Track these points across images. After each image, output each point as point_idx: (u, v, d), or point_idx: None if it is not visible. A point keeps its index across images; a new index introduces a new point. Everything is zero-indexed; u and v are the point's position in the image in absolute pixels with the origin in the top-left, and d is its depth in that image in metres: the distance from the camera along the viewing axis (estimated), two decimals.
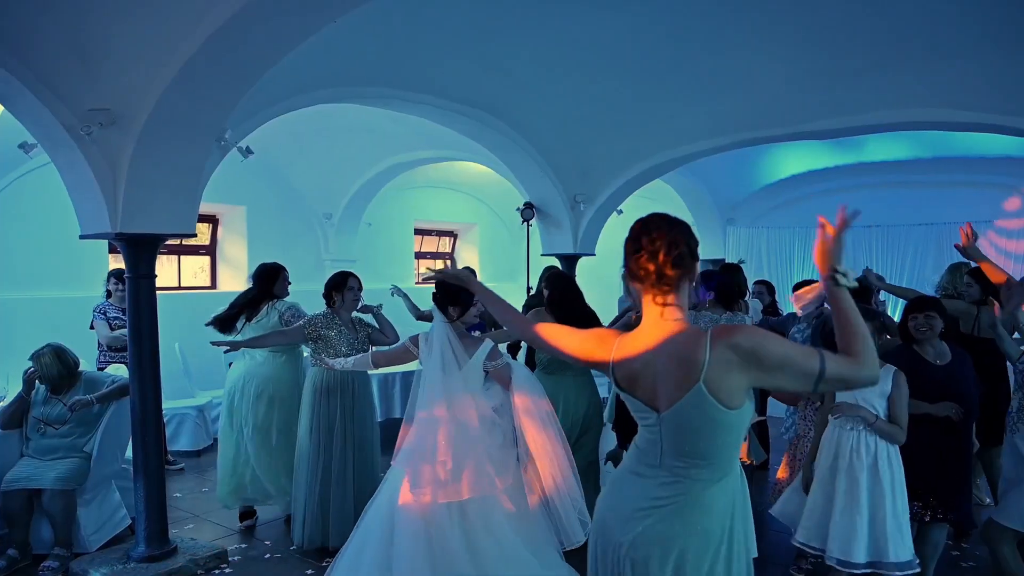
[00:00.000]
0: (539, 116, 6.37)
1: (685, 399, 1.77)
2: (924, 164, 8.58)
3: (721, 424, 1.78)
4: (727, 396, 1.75)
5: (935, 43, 4.90)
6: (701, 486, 1.83)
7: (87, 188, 3.96)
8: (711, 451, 1.82)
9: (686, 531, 1.82)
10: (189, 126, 3.99)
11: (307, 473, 4.54)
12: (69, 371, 4.54)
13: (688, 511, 1.84)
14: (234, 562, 4.40)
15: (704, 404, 1.75)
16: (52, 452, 4.43)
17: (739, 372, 1.73)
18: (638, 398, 1.90)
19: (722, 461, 1.85)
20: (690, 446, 1.82)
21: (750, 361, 1.73)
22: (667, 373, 1.82)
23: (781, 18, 4.78)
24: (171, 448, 6.49)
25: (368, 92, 5.33)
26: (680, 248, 1.85)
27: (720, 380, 1.74)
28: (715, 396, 1.74)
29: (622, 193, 7.41)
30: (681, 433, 1.82)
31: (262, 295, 5.04)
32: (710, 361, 1.73)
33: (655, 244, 1.84)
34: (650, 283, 1.86)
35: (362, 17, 4.18)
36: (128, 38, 3.61)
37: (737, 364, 1.73)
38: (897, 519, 3.26)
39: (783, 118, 6.21)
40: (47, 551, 4.31)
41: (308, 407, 4.62)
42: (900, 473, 3.34)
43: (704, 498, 1.84)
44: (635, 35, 5.08)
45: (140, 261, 4.19)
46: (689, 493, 1.83)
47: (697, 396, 1.75)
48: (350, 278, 4.80)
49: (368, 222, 9.53)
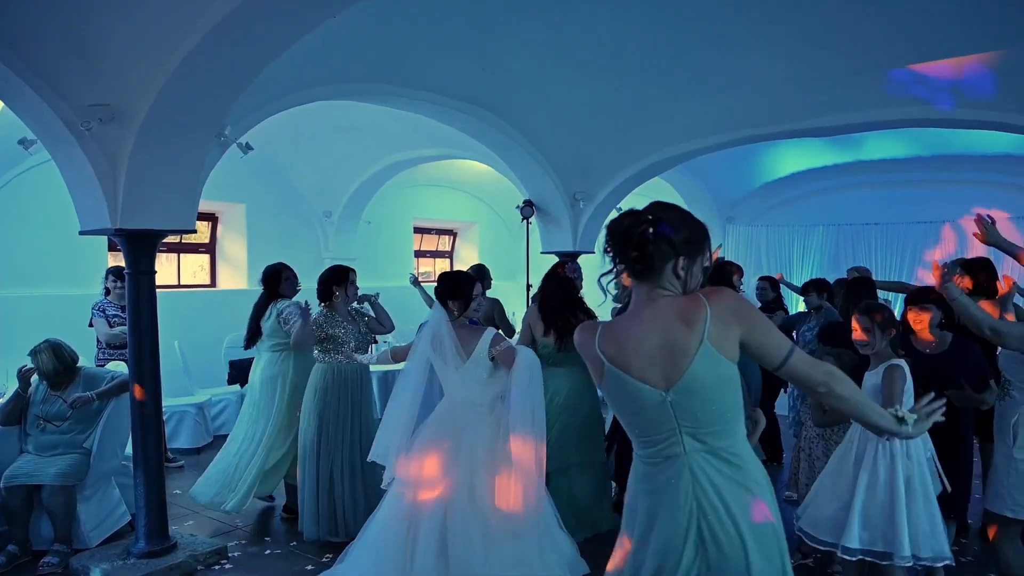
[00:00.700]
0: (538, 113, 6.37)
1: (695, 361, 1.80)
2: (923, 162, 8.61)
3: (729, 379, 1.84)
4: (728, 348, 1.82)
5: (934, 40, 4.91)
6: (731, 443, 1.87)
7: (87, 184, 3.96)
8: (726, 411, 1.85)
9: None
10: (189, 122, 3.99)
11: (313, 468, 4.56)
12: (67, 367, 4.54)
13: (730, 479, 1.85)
14: (234, 558, 4.40)
15: (713, 360, 1.81)
16: (52, 448, 4.43)
17: (734, 325, 1.83)
18: (634, 377, 1.88)
19: (738, 422, 1.89)
20: (708, 412, 1.84)
21: (741, 316, 1.83)
22: (667, 345, 1.84)
23: (780, 16, 4.79)
24: (171, 446, 6.49)
25: (368, 89, 5.33)
26: (670, 236, 1.87)
27: (720, 333, 1.81)
28: (719, 350, 1.81)
29: (622, 191, 7.41)
30: (697, 398, 1.83)
31: (269, 298, 5.11)
32: (712, 316, 1.81)
33: (642, 224, 1.87)
34: (637, 272, 1.89)
35: (362, 14, 4.19)
36: (128, 34, 3.61)
37: (732, 317, 1.83)
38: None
39: (782, 115, 6.21)
40: (47, 547, 4.32)
41: (312, 402, 4.63)
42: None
43: (742, 455, 1.88)
44: (635, 33, 5.08)
45: (140, 257, 4.19)
46: (730, 462, 1.86)
47: (706, 354, 1.80)
48: (350, 272, 4.81)
49: (368, 220, 9.54)
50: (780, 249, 10.29)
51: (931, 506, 3.22)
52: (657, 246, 1.85)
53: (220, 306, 7.87)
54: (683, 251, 1.87)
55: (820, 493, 3.44)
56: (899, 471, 3.20)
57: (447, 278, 3.83)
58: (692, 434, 1.86)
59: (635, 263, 1.87)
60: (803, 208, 9.96)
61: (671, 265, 1.87)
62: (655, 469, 1.91)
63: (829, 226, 9.99)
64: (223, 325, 7.48)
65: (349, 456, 4.55)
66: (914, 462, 3.25)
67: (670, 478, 1.87)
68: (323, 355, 4.69)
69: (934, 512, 3.21)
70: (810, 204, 9.88)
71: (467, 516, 3.38)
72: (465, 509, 3.40)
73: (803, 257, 10.16)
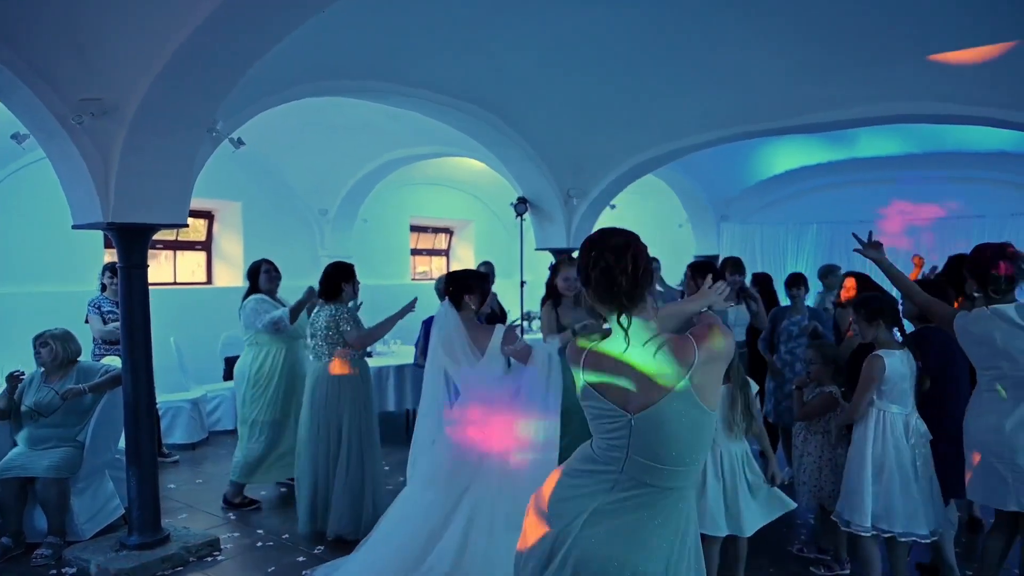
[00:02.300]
0: (532, 110, 6.40)
1: (666, 399, 1.78)
2: (916, 160, 8.63)
3: (700, 425, 1.81)
4: (709, 397, 1.81)
5: (929, 36, 4.93)
6: (666, 496, 1.83)
7: (79, 178, 4.00)
8: (683, 457, 1.82)
9: (645, 553, 1.81)
10: (180, 116, 4.02)
11: (307, 462, 4.58)
12: (70, 359, 4.63)
13: (647, 524, 1.82)
14: (226, 549, 4.43)
15: (687, 404, 1.78)
16: (45, 441, 4.47)
17: (718, 369, 1.83)
18: (609, 399, 1.87)
19: (695, 468, 1.86)
20: (665, 450, 1.81)
21: (724, 359, 1.83)
22: (649, 380, 1.81)
23: (775, 11, 4.81)
24: (166, 441, 6.53)
25: (361, 86, 5.36)
26: (645, 260, 1.89)
27: (704, 380, 1.79)
28: (699, 395, 1.79)
29: (615, 187, 7.45)
30: (657, 435, 1.80)
31: (250, 293, 5.31)
32: (698, 362, 1.77)
33: (623, 260, 1.86)
34: (619, 300, 1.86)
35: (354, 10, 4.23)
36: (119, 29, 3.64)
37: (718, 362, 1.82)
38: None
39: (776, 111, 6.23)
40: (40, 539, 4.36)
41: (308, 398, 4.64)
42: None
43: (666, 510, 1.83)
44: (628, 29, 5.10)
45: (132, 251, 4.22)
46: (652, 504, 1.82)
47: (683, 397, 1.77)
48: (354, 268, 4.85)
49: (364, 218, 9.57)
50: (774, 247, 10.31)
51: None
52: (637, 278, 1.86)
53: (216, 303, 7.90)
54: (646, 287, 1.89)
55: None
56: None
57: (461, 276, 3.86)
58: (638, 465, 1.83)
59: (627, 292, 1.85)
60: (797, 206, 10.00)
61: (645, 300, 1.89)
62: (592, 472, 1.91)
63: (823, 224, 10.02)
64: (219, 322, 7.53)
65: (347, 452, 4.54)
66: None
67: (596, 488, 1.87)
68: (322, 351, 4.64)
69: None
70: (804, 202, 9.91)
71: (494, 512, 3.37)
72: (493, 506, 3.39)
73: (797, 255, 10.18)
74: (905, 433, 3.42)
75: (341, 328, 4.57)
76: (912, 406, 3.48)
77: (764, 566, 4.12)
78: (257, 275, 5.33)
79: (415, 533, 3.41)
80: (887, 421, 3.43)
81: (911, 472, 3.39)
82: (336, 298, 4.68)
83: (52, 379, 4.59)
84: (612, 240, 1.90)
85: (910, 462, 3.40)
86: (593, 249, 1.90)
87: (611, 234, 1.93)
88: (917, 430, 3.45)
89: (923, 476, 3.42)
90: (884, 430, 3.42)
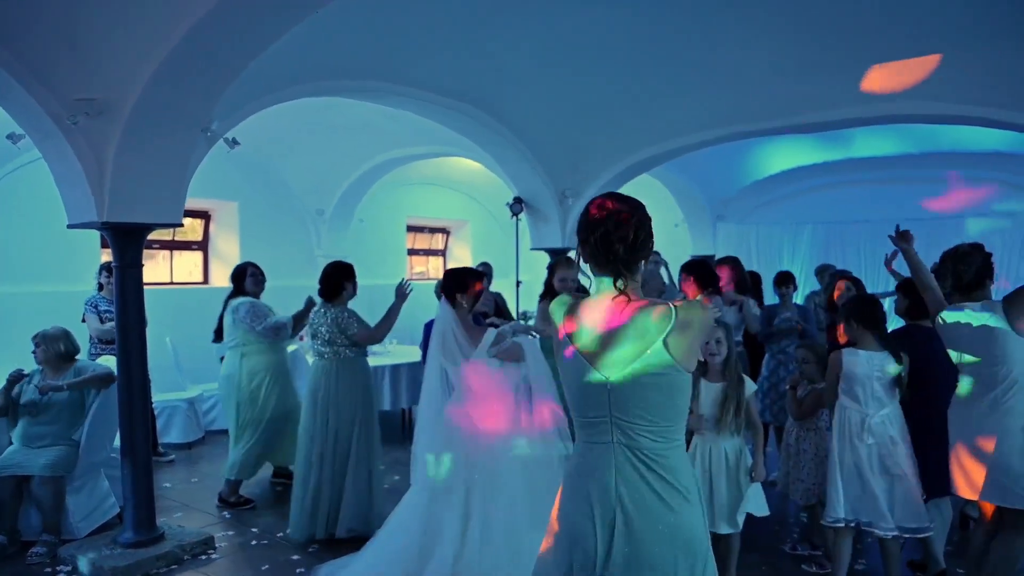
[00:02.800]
0: (526, 110, 6.41)
1: (645, 358, 1.82)
2: (912, 159, 8.66)
3: (674, 386, 1.85)
4: (685, 360, 1.84)
5: (923, 35, 4.95)
6: (662, 447, 1.86)
7: (74, 178, 4.02)
8: (661, 418, 1.85)
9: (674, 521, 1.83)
10: (174, 116, 4.04)
11: (303, 463, 4.57)
12: (68, 355, 4.67)
13: (663, 488, 1.84)
14: (221, 548, 4.45)
15: (663, 363, 1.82)
16: (40, 439, 4.49)
17: (696, 335, 1.86)
18: (588, 359, 1.90)
19: (673, 431, 1.88)
20: (644, 411, 1.84)
21: (699, 327, 1.86)
22: (628, 337, 1.85)
23: (770, 11, 4.83)
24: (162, 440, 6.55)
25: (356, 85, 5.37)
26: (645, 231, 1.92)
27: (679, 343, 1.82)
28: (673, 356, 1.82)
29: (610, 187, 7.44)
30: (636, 395, 1.84)
31: (235, 295, 5.35)
32: (674, 325, 1.81)
33: (622, 228, 1.88)
34: (615, 265, 1.89)
35: (349, 10, 4.24)
36: (114, 29, 3.66)
37: (692, 328, 1.84)
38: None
39: (771, 111, 6.25)
40: (36, 538, 4.37)
41: (307, 399, 4.63)
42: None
43: (671, 460, 1.86)
44: (623, 29, 5.11)
45: (127, 251, 4.24)
46: (655, 461, 1.85)
47: (657, 354, 1.81)
48: (352, 267, 4.84)
49: (360, 218, 9.58)
50: (770, 246, 10.35)
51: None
52: (636, 241, 1.89)
53: (213, 303, 7.80)
54: (645, 252, 1.93)
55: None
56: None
57: (455, 273, 3.90)
58: (622, 428, 1.86)
59: (633, 252, 1.89)
60: (793, 206, 10.03)
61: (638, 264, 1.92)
62: (586, 454, 1.93)
63: (818, 224, 10.05)
64: (215, 322, 7.51)
65: (356, 450, 4.51)
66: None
67: (596, 465, 1.88)
68: (324, 351, 4.63)
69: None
70: (800, 202, 9.94)
71: (490, 507, 3.38)
72: (488, 500, 3.41)
73: (793, 254, 10.22)
74: (860, 432, 3.45)
75: (348, 331, 4.57)
76: (876, 409, 3.47)
77: (756, 563, 4.14)
78: (243, 278, 5.33)
79: (419, 535, 3.43)
80: (845, 417, 3.49)
81: (867, 469, 3.44)
82: (337, 298, 4.68)
83: (50, 377, 4.62)
84: (615, 207, 1.91)
85: (866, 459, 3.44)
86: (595, 213, 1.92)
87: (615, 199, 1.94)
88: (878, 432, 3.45)
89: (881, 474, 3.44)
90: (842, 425, 3.51)
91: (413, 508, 3.54)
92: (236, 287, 5.37)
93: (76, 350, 4.77)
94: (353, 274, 4.78)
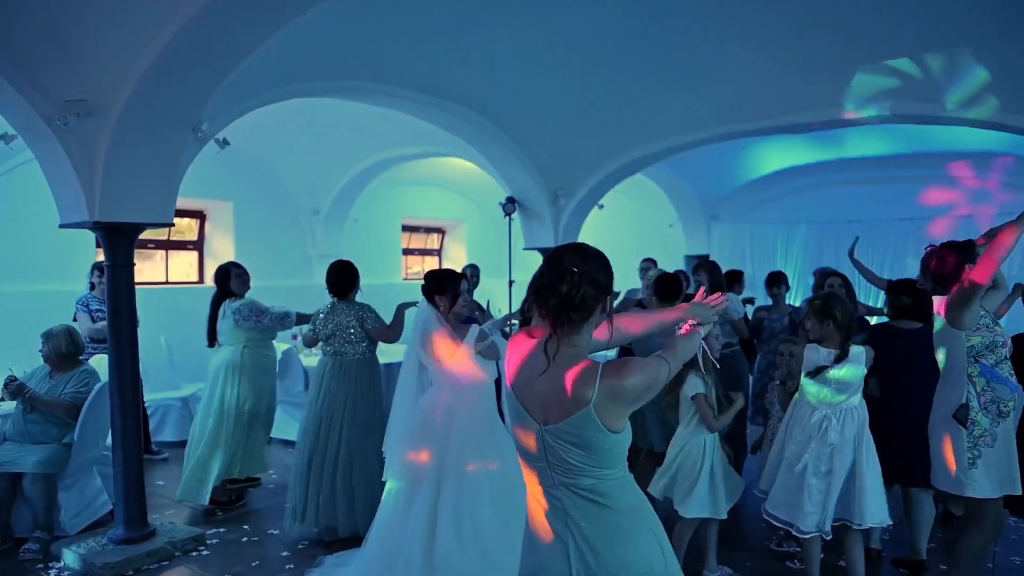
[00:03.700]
0: (519, 110, 6.45)
1: (572, 419, 1.81)
2: (904, 159, 8.71)
3: (601, 448, 1.84)
4: (612, 421, 1.82)
5: (913, 36, 4.98)
6: (602, 483, 1.87)
7: (65, 178, 4.06)
8: (593, 465, 1.85)
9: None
10: (165, 117, 4.08)
11: (300, 460, 4.58)
12: (72, 354, 4.73)
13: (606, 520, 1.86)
14: (212, 545, 4.49)
15: (590, 425, 1.80)
16: (31, 437, 4.54)
17: (623, 402, 1.82)
18: (523, 405, 1.92)
19: (609, 469, 1.88)
20: (574, 460, 1.84)
21: (629, 394, 1.82)
22: (557, 396, 1.84)
23: (761, 11, 4.86)
24: (156, 439, 6.58)
25: (345, 86, 5.41)
26: (588, 289, 1.84)
27: (604, 408, 1.80)
28: (600, 419, 1.80)
29: (603, 187, 7.50)
30: (565, 446, 1.84)
31: (221, 296, 5.28)
32: (598, 394, 1.78)
33: (561, 285, 1.83)
34: (556, 318, 1.85)
35: (339, 11, 4.28)
36: (104, 30, 3.70)
37: (621, 399, 1.81)
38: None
39: (762, 111, 6.27)
40: (28, 534, 4.41)
41: (330, 394, 4.60)
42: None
43: (610, 487, 1.88)
44: (615, 30, 5.15)
45: (118, 250, 4.28)
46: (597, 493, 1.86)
47: (585, 418, 1.79)
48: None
49: (355, 218, 9.62)
50: (764, 246, 10.40)
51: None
52: (581, 299, 1.83)
53: (207, 303, 7.93)
54: (592, 308, 1.87)
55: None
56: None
57: (434, 275, 3.94)
58: (559, 471, 1.87)
59: (567, 311, 1.83)
60: (786, 205, 10.07)
61: (596, 312, 1.87)
62: (534, 491, 1.96)
63: (812, 223, 10.10)
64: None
65: (374, 446, 4.46)
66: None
67: (549, 501, 1.90)
68: (345, 350, 4.64)
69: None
70: (793, 201, 9.99)
71: (459, 503, 3.39)
72: (456, 496, 3.41)
73: (787, 254, 10.27)
74: (811, 427, 3.47)
75: (368, 325, 4.61)
76: (830, 406, 3.47)
77: (741, 561, 4.18)
78: (228, 278, 5.25)
79: (391, 529, 3.47)
80: (799, 412, 3.53)
81: (811, 466, 3.44)
82: (348, 295, 4.72)
83: (55, 375, 4.70)
84: (563, 258, 1.87)
85: (813, 456, 3.44)
86: (547, 261, 1.90)
87: (567, 252, 1.89)
88: (832, 429, 3.45)
89: (826, 474, 3.45)
90: (794, 419, 3.54)
91: (388, 503, 3.57)
92: (221, 288, 5.28)
93: (79, 350, 4.82)
94: (358, 273, 4.84)
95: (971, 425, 3.19)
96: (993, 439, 3.17)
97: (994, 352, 3.19)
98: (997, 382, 3.18)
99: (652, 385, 1.85)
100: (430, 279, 3.88)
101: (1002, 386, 3.18)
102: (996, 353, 3.19)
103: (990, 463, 3.16)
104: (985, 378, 3.19)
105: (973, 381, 3.21)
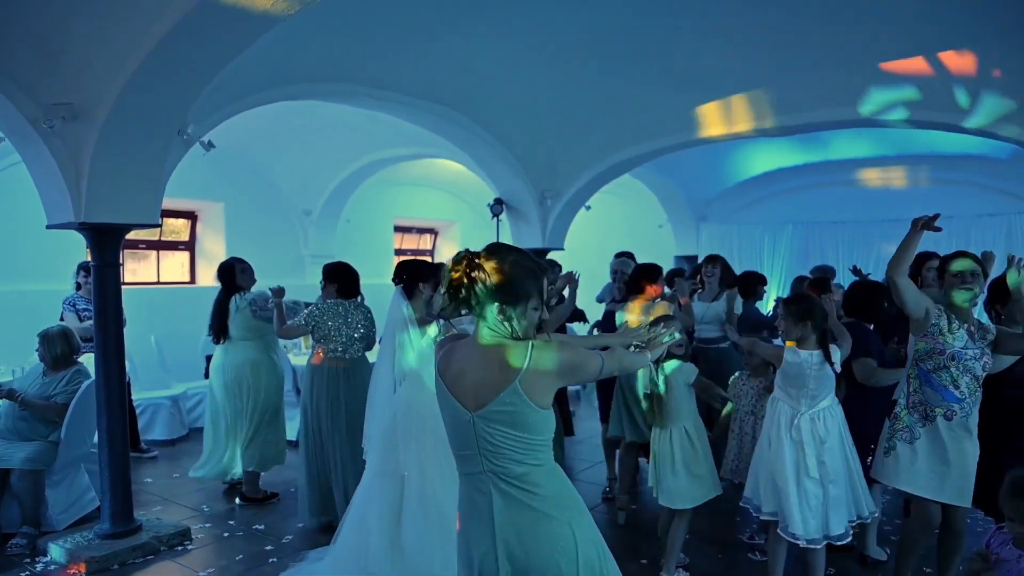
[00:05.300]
0: (505, 111, 6.51)
1: (501, 397, 1.95)
2: (887, 162, 8.82)
3: (531, 424, 1.97)
4: (540, 397, 1.97)
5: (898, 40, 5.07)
6: (527, 469, 1.99)
7: (51, 180, 4.13)
8: (523, 447, 1.98)
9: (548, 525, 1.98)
10: (150, 120, 4.15)
11: (304, 455, 4.67)
12: (68, 355, 4.81)
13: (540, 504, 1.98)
14: (197, 539, 4.56)
15: (519, 402, 1.94)
16: (20, 434, 4.62)
17: (551, 377, 1.98)
18: (455, 396, 2.05)
19: (537, 455, 2.01)
20: (506, 442, 1.97)
21: (556, 370, 1.98)
22: (486, 377, 1.98)
23: (750, 12, 4.91)
24: (146, 437, 6.66)
25: (330, 89, 5.46)
26: (485, 280, 1.98)
27: (531, 383, 1.95)
28: (528, 395, 1.95)
29: (590, 188, 7.58)
30: (496, 429, 1.97)
31: (228, 292, 5.31)
32: (527, 367, 1.95)
33: (460, 277, 1.99)
34: (477, 312, 2.02)
35: (322, 14, 4.32)
36: (89, 33, 3.77)
37: (548, 373, 1.97)
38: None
39: (748, 114, 6.35)
40: (16, 529, 4.48)
41: (308, 393, 4.69)
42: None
43: (536, 476, 1.99)
44: (601, 32, 5.21)
45: (105, 250, 4.35)
46: (523, 480, 1.98)
47: (512, 394, 1.94)
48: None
49: (347, 219, 9.69)
50: (751, 247, 10.49)
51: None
52: (473, 291, 1.98)
53: (199, 302, 7.94)
54: (498, 299, 1.98)
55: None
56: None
57: (409, 265, 4.00)
58: (488, 458, 2.00)
59: (462, 303, 2.01)
60: (774, 206, 10.17)
61: (495, 309, 1.99)
62: (467, 486, 2.09)
63: (798, 224, 10.20)
64: (201, 321, 7.58)
65: (340, 446, 4.58)
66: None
67: (477, 496, 2.04)
68: (353, 348, 4.70)
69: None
70: (780, 202, 10.08)
71: (424, 498, 3.48)
72: (420, 490, 3.50)
73: (773, 254, 10.36)
74: (789, 427, 3.48)
75: (372, 328, 4.75)
76: (808, 407, 3.49)
77: (713, 554, 4.26)
78: (233, 273, 5.30)
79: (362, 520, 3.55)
80: (777, 409, 3.58)
81: (788, 468, 3.43)
82: (355, 295, 4.83)
83: (48, 374, 4.78)
84: (462, 256, 2.03)
85: (790, 458, 3.44)
86: (453, 259, 2.05)
87: (489, 251, 2.04)
88: (806, 430, 3.47)
89: (803, 476, 3.44)
90: (772, 419, 3.59)
91: (362, 493, 3.65)
92: (228, 284, 5.29)
93: (74, 351, 4.89)
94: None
95: (893, 418, 3.42)
96: (913, 437, 3.33)
97: (932, 359, 3.32)
98: (930, 387, 3.32)
99: (578, 367, 2.02)
100: (410, 271, 3.90)
101: (934, 392, 3.31)
102: (935, 360, 3.31)
103: (903, 458, 3.33)
104: (919, 380, 3.36)
105: (909, 380, 3.42)
